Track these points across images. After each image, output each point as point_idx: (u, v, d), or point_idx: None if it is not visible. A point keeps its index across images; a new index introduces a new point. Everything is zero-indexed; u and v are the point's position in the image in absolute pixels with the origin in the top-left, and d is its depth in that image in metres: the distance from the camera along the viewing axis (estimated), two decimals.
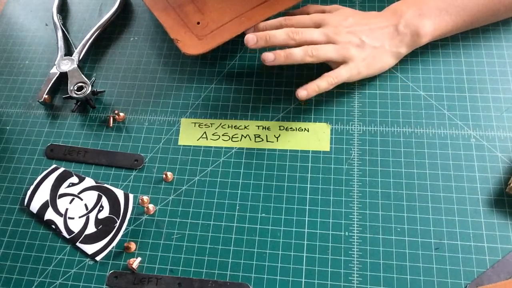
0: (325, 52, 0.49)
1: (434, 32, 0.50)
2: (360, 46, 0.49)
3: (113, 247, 0.47)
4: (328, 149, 0.50)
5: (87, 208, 0.49)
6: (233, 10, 0.55)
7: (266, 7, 0.54)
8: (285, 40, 0.49)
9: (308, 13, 0.54)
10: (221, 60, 0.57)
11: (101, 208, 0.49)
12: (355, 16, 0.51)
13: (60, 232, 0.48)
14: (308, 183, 0.48)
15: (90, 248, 0.47)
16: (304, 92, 0.48)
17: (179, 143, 0.52)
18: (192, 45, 0.53)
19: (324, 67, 0.52)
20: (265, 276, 0.44)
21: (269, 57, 0.48)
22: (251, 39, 0.49)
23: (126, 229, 0.48)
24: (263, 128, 0.52)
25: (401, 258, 0.43)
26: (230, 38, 0.53)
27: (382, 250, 0.44)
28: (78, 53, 0.58)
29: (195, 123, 0.53)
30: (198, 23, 0.55)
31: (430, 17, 0.49)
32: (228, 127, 0.53)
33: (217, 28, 0.54)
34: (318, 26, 0.51)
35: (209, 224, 0.47)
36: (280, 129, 0.52)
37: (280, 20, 0.52)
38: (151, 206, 0.48)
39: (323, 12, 0.54)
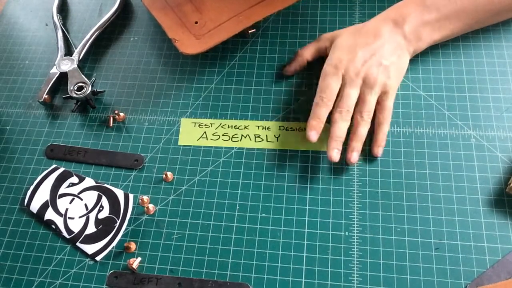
0: (373, 106, 0.48)
1: (435, 37, 0.50)
2: (385, 70, 0.48)
3: (113, 247, 0.47)
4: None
5: (87, 208, 0.49)
6: (231, 10, 0.54)
7: (264, 6, 0.54)
8: (347, 126, 0.48)
9: (304, 59, 0.54)
10: (221, 60, 0.57)
11: (101, 208, 0.49)
12: (359, 45, 0.49)
13: (60, 232, 0.48)
14: (308, 183, 0.48)
15: (90, 248, 0.47)
16: (381, 148, 0.48)
17: (179, 143, 0.52)
18: (190, 44, 0.53)
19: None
20: (265, 276, 0.44)
21: (355, 158, 0.48)
22: (335, 157, 0.47)
23: (126, 229, 0.48)
24: (263, 128, 0.52)
25: (401, 258, 0.43)
26: (228, 37, 0.53)
27: (382, 250, 0.44)
28: (78, 53, 0.58)
29: (195, 123, 0.53)
30: (196, 22, 0.55)
31: (432, 22, 0.49)
32: (228, 127, 0.53)
33: (215, 28, 0.54)
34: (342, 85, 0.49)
35: (209, 224, 0.47)
36: (280, 129, 0.52)
37: (319, 102, 0.49)
38: (151, 206, 0.48)
39: (318, 50, 0.53)
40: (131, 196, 0.49)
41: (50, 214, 0.49)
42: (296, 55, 0.54)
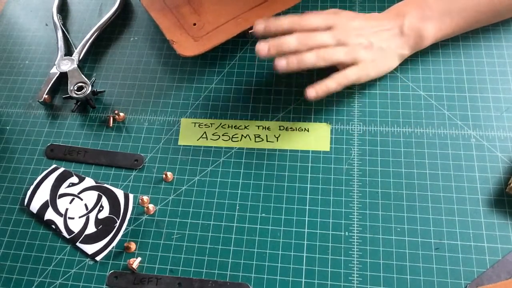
0: (337, 56, 0.48)
1: (437, 34, 0.50)
2: (369, 47, 0.49)
3: (113, 247, 0.47)
4: (328, 149, 0.50)
5: (87, 208, 0.49)
6: (229, 12, 0.55)
7: (263, 9, 0.54)
8: (298, 47, 0.47)
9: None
10: (221, 60, 0.57)
11: (101, 208, 0.49)
12: (359, 18, 0.51)
13: (60, 232, 0.48)
14: (308, 183, 0.48)
15: (90, 248, 0.47)
16: (313, 91, 0.48)
17: (179, 143, 0.52)
18: (188, 46, 0.53)
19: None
20: (265, 276, 0.44)
21: (281, 64, 0.47)
22: (262, 49, 0.47)
23: (126, 229, 0.48)
24: (263, 128, 0.52)
25: (401, 258, 0.43)
26: (226, 40, 0.53)
27: (382, 250, 0.44)
28: (78, 53, 0.58)
29: (195, 123, 0.53)
30: (194, 24, 0.55)
31: (433, 20, 0.49)
32: (228, 127, 0.53)
33: (213, 30, 0.54)
34: (328, 27, 0.50)
35: (209, 224, 0.47)
36: (280, 129, 0.52)
37: (293, 20, 0.49)
38: (151, 206, 0.48)
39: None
40: (131, 196, 0.49)
41: (50, 214, 0.49)
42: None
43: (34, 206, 0.49)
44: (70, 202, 0.49)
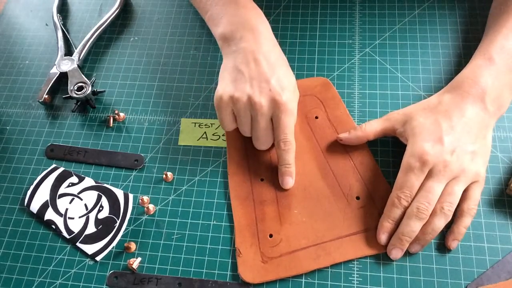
0: (458, 199, 0.42)
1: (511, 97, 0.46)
2: (474, 157, 0.43)
3: (113, 247, 0.47)
4: None
5: (87, 208, 0.49)
6: (314, 235, 0.45)
7: (351, 244, 0.44)
8: (421, 225, 0.42)
9: (365, 136, 0.47)
10: (221, 60, 0.57)
11: (101, 208, 0.49)
12: (441, 127, 0.43)
13: (60, 232, 0.48)
14: None
15: (90, 248, 0.47)
16: (456, 242, 0.43)
17: (179, 143, 0.52)
18: (252, 267, 0.44)
19: None
20: None
21: (417, 250, 0.43)
22: (394, 255, 0.43)
23: (126, 229, 0.48)
24: None
25: (401, 258, 0.43)
26: (296, 275, 0.43)
27: None
28: (78, 53, 0.58)
29: (195, 123, 0.53)
30: (271, 236, 0.45)
31: (508, 84, 0.45)
32: None
33: (287, 254, 0.44)
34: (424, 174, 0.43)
35: (209, 224, 0.47)
36: None
37: (395, 201, 0.43)
38: (151, 206, 0.48)
39: (384, 130, 0.47)
40: (131, 196, 0.49)
41: (50, 214, 0.49)
42: (359, 128, 0.48)
43: (34, 206, 0.49)
44: (70, 202, 0.49)
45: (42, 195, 0.50)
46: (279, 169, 0.47)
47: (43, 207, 0.49)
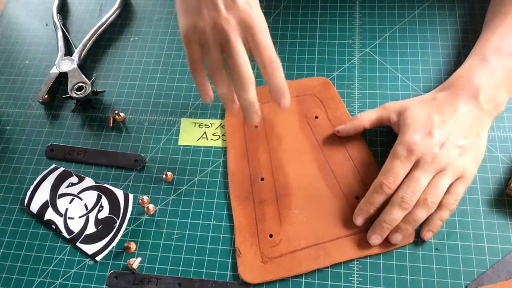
0: (443, 192, 0.42)
1: (508, 96, 0.46)
2: (463, 153, 0.43)
3: (113, 247, 0.47)
4: None
5: (87, 208, 0.49)
6: (314, 235, 0.45)
7: (350, 244, 0.44)
8: (403, 215, 0.42)
9: (361, 125, 0.48)
10: None
11: (101, 208, 0.49)
12: (432, 120, 0.43)
13: (60, 232, 0.48)
14: None
15: (90, 248, 0.47)
16: (431, 233, 0.43)
17: (179, 143, 0.52)
18: (252, 267, 0.44)
19: None
20: None
21: (397, 239, 0.43)
22: (374, 241, 0.43)
23: (126, 229, 0.48)
24: None
25: (401, 258, 0.43)
26: (296, 275, 0.43)
27: None
28: (78, 53, 0.58)
29: (195, 123, 0.53)
30: (271, 236, 0.45)
31: (504, 83, 0.45)
32: None
33: (288, 254, 0.44)
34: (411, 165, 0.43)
35: (209, 224, 0.47)
36: None
37: (377, 187, 0.43)
38: (151, 206, 0.48)
39: (380, 119, 0.47)
40: (131, 196, 0.49)
41: (50, 214, 0.49)
42: (355, 118, 0.48)
43: (34, 206, 0.49)
44: (70, 202, 0.49)
45: (42, 195, 0.50)
46: (274, 96, 0.43)
47: (43, 207, 0.49)
